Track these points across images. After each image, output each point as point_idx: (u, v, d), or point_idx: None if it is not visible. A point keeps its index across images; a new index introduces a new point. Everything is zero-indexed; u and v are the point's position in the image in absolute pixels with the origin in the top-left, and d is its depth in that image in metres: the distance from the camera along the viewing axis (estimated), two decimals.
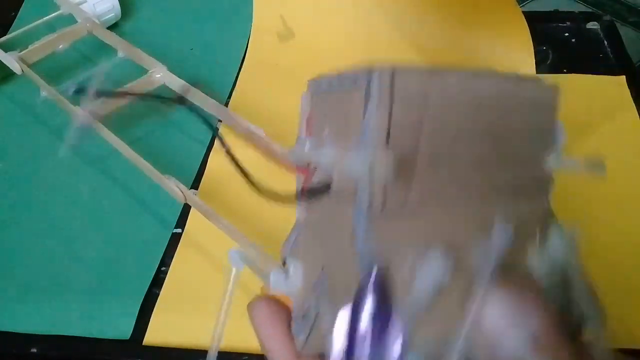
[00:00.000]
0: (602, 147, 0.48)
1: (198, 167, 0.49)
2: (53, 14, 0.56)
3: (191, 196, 0.42)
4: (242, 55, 0.59)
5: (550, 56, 0.57)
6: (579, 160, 0.21)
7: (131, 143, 0.46)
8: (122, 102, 0.49)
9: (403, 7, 0.55)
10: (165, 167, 0.44)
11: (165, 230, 0.45)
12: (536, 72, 0.55)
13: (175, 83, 0.50)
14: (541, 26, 0.58)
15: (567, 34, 0.59)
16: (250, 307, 0.23)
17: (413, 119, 0.19)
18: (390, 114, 0.18)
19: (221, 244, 0.44)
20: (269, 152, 0.45)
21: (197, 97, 0.48)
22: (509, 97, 0.21)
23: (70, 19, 0.57)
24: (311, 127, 0.22)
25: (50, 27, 0.56)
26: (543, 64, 0.56)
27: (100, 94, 0.38)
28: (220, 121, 0.52)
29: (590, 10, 1.12)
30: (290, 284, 0.22)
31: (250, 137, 0.45)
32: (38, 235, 0.45)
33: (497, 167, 0.21)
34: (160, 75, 0.51)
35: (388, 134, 0.18)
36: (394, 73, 0.18)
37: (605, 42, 0.58)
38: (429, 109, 0.19)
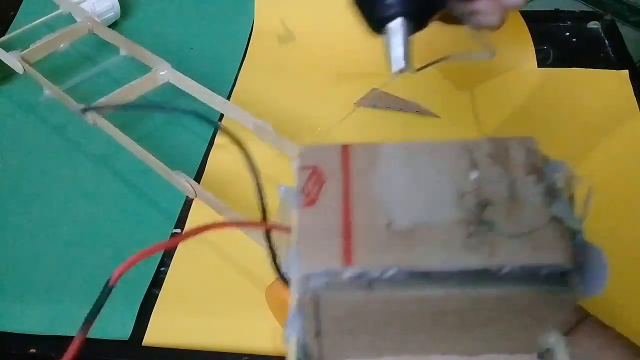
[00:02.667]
0: (604, 142, 0.48)
1: (199, 163, 0.49)
2: (53, 13, 0.56)
3: (202, 191, 0.42)
4: (242, 54, 0.59)
5: (551, 55, 0.57)
6: None
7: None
8: (126, 99, 0.49)
9: None
10: (167, 164, 0.43)
11: (164, 230, 0.45)
12: None
13: (180, 80, 0.50)
14: (542, 25, 0.58)
15: (568, 34, 0.59)
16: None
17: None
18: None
19: (220, 245, 0.44)
20: (277, 146, 0.45)
21: (201, 94, 0.48)
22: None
23: (69, 18, 0.57)
24: None
25: (50, 27, 0.56)
26: (544, 63, 0.56)
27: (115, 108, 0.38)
28: (220, 120, 0.52)
29: (591, 9, 1.12)
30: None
31: (257, 132, 0.45)
32: (38, 235, 0.45)
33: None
34: (164, 73, 0.51)
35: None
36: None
37: (606, 42, 0.58)
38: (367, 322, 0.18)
